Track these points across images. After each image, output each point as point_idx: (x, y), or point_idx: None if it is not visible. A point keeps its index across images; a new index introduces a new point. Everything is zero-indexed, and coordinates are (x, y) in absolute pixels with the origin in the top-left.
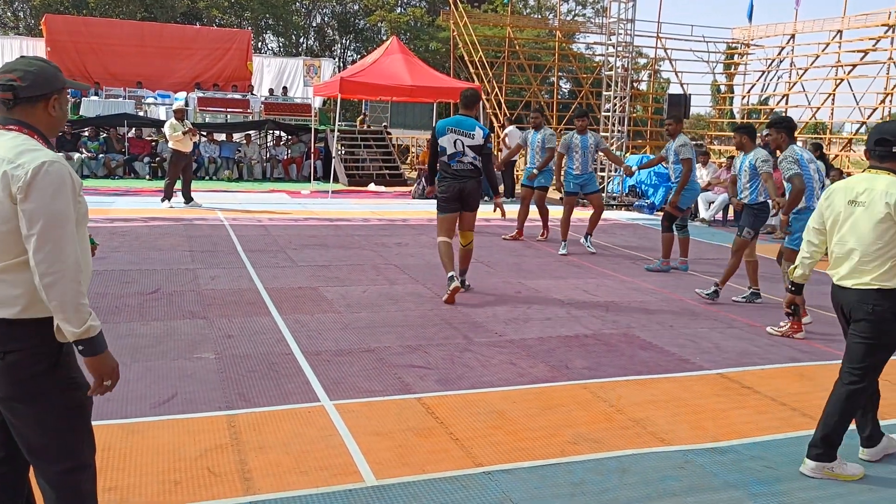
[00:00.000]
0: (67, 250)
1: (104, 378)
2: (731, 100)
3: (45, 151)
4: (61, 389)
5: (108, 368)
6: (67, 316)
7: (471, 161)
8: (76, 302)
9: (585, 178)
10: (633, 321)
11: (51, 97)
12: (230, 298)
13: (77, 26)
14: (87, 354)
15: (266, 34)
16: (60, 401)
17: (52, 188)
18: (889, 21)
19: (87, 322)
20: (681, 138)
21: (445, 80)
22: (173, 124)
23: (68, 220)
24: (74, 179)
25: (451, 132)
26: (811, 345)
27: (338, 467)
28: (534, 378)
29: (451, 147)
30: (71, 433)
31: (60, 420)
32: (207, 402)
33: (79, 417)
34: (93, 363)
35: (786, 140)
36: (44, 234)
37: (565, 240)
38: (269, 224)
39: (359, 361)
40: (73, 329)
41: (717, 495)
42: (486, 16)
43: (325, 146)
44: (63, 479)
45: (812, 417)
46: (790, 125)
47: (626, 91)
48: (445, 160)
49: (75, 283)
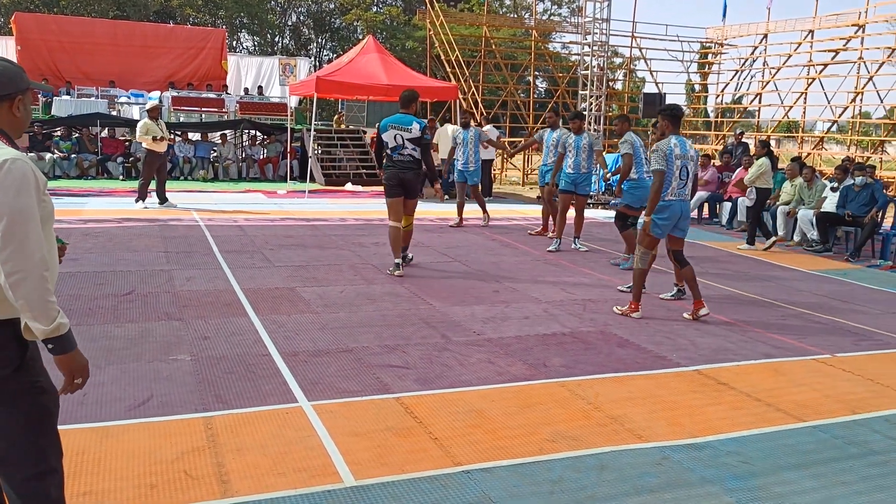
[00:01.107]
0: (32, 248)
1: (75, 375)
2: (705, 99)
3: (8, 150)
4: (26, 393)
5: (78, 366)
6: (35, 314)
7: (410, 153)
8: (44, 300)
9: (580, 178)
10: (610, 319)
11: (15, 97)
12: (206, 299)
13: (48, 25)
14: (57, 353)
15: (241, 33)
16: (25, 405)
17: (14, 185)
18: (859, 21)
19: (56, 320)
20: (625, 136)
21: (422, 80)
22: (147, 124)
23: (32, 217)
24: (38, 177)
25: (391, 128)
26: (785, 341)
27: (316, 468)
28: (512, 376)
29: (393, 141)
30: (37, 438)
31: (26, 425)
32: (183, 405)
33: (45, 422)
34: (63, 361)
35: (627, 128)
36: (8, 232)
37: (559, 238)
38: (245, 224)
39: (337, 362)
40: (43, 327)
41: (693, 491)
42: (462, 15)
43: (301, 146)
44: (29, 484)
45: (786, 412)
46: (625, 117)
47: (601, 90)
48: (389, 153)
49: (42, 281)
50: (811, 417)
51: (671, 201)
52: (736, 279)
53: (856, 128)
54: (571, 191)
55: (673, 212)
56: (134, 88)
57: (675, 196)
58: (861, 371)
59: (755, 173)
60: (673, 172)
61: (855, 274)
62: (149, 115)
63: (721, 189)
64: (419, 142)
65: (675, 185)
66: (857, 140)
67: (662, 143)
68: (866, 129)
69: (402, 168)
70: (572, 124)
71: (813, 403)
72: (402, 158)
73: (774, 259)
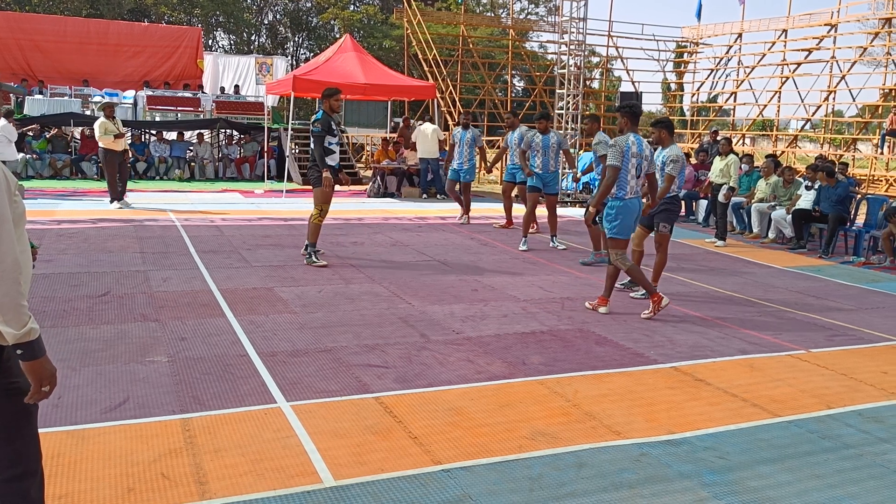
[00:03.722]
0: (4, 251)
1: (42, 383)
2: (681, 97)
3: None
4: (5, 395)
5: (47, 373)
6: (6, 318)
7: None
8: (16, 303)
9: (547, 178)
10: (588, 317)
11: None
12: (183, 300)
13: (20, 23)
14: (27, 358)
15: (217, 31)
16: (5, 407)
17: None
18: (831, 21)
19: (27, 325)
20: (597, 136)
21: (399, 79)
22: (103, 122)
23: (4, 219)
24: (9, 179)
25: None
26: (761, 337)
27: (295, 469)
28: (491, 375)
29: None
30: (17, 439)
31: (6, 426)
32: (161, 406)
33: (24, 423)
34: (32, 367)
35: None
36: None
37: (526, 236)
38: (222, 224)
39: (315, 362)
40: (13, 331)
41: (671, 486)
42: (439, 14)
43: (278, 145)
44: (10, 486)
45: (762, 408)
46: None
47: (579, 89)
48: None
49: (15, 284)
50: (786, 412)
51: (631, 199)
52: (712, 276)
53: (829, 126)
54: (539, 188)
55: (633, 210)
56: (108, 87)
57: (633, 194)
58: (835, 366)
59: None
60: (629, 170)
61: (828, 270)
62: (105, 114)
63: (697, 187)
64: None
65: (633, 183)
66: (830, 138)
67: (621, 139)
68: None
69: None
70: (539, 124)
71: (788, 398)
72: None
73: (750, 256)
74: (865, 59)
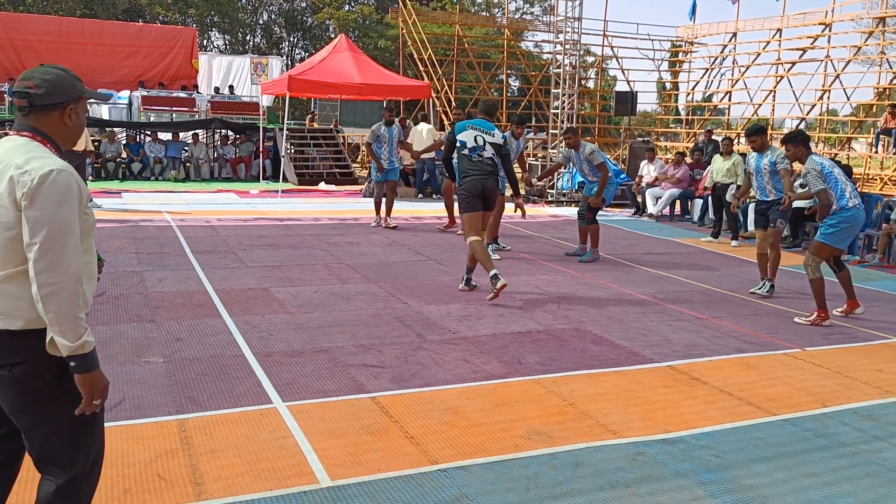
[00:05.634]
0: (68, 261)
1: (94, 396)
2: (676, 97)
3: (54, 159)
4: (68, 400)
5: (99, 386)
6: (62, 329)
7: (490, 157)
8: (73, 315)
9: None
10: (584, 316)
11: (67, 106)
12: (178, 301)
13: (14, 23)
14: (80, 371)
15: (211, 31)
16: (68, 411)
17: (58, 196)
18: (826, 20)
19: (82, 337)
20: (587, 147)
21: (394, 78)
22: None
23: (72, 230)
24: (82, 190)
25: (471, 129)
26: (756, 335)
27: (292, 469)
28: (487, 374)
29: (472, 141)
30: (78, 443)
31: (68, 430)
32: (156, 407)
33: (87, 427)
34: (84, 380)
35: (803, 152)
36: (46, 244)
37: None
38: (217, 225)
39: (311, 362)
40: (68, 343)
41: (667, 484)
42: (434, 13)
43: (273, 145)
44: (64, 489)
45: (758, 406)
46: (803, 137)
47: (574, 88)
48: (467, 153)
49: (74, 296)
50: (782, 411)
51: (856, 208)
52: (707, 275)
53: (823, 125)
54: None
55: (859, 220)
56: (103, 88)
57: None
58: (830, 364)
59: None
60: (838, 179)
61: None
62: None
63: (692, 186)
64: (500, 149)
65: (848, 190)
66: (824, 137)
67: (812, 165)
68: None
69: (482, 174)
70: (517, 129)
71: (783, 397)
72: (481, 160)
73: (745, 255)
74: (860, 59)
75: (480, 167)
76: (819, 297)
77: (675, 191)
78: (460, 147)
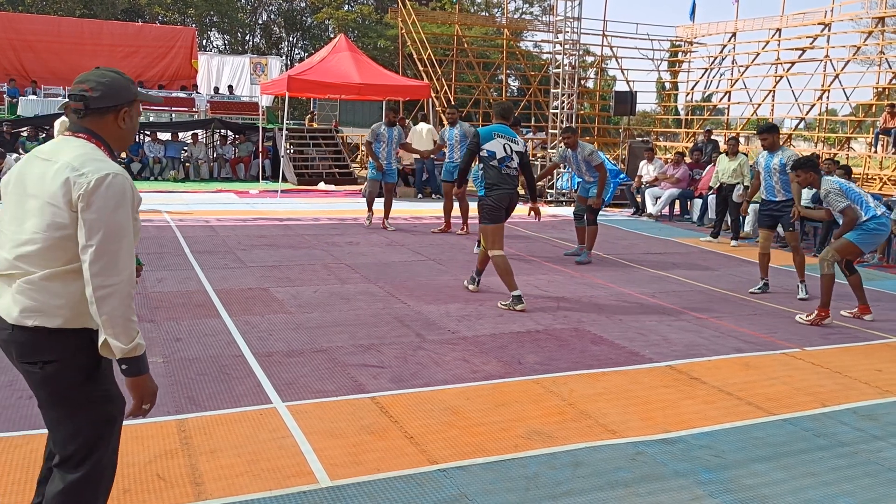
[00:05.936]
0: (123, 264)
1: (144, 400)
2: (675, 97)
3: (110, 163)
4: (95, 402)
5: (149, 390)
6: (116, 332)
7: (516, 167)
8: (126, 317)
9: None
10: (583, 316)
11: (121, 109)
12: (178, 301)
13: (13, 23)
14: (131, 374)
15: (211, 31)
16: (93, 413)
17: (114, 200)
18: (825, 20)
19: (134, 340)
20: (585, 147)
21: (394, 78)
22: (63, 121)
23: (127, 233)
24: (135, 194)
25: (498, 137)
26: (755, 335)
27: (291, 469)
28: (487, 374)
29: (502, 151)
30: (97, 444)
31: (90, 431)
32: (156, 407)
33: (108, 430)
34: (135, 384)
35: (815, 178)
36: (102, 246)
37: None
38: (216, 225)
39: (311, 362)
40: (121, 345)
41: (667, 484)
42: (434, 13)
43: (273, 145)
44: (74, 487)
45: (758, 406)
46: (813, 163)
47: (573, 88)
48: (496, 164)
49: (128, 299)
50: (781, 410)
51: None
52: (707, 275)
53: (823, 125)
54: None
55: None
56: None
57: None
58: (829, 364)
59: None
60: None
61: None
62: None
63: (692, 186)
64: (523, 157)
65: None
66: (824, 137)
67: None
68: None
69: (511, 187)
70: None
71: (783, 397)
72: (510, 172)
73: (744, 255)
74: (859, 58)
75: (509, 180)
76: (825, 295)
77: (675, 191)
78: (488, 157)
